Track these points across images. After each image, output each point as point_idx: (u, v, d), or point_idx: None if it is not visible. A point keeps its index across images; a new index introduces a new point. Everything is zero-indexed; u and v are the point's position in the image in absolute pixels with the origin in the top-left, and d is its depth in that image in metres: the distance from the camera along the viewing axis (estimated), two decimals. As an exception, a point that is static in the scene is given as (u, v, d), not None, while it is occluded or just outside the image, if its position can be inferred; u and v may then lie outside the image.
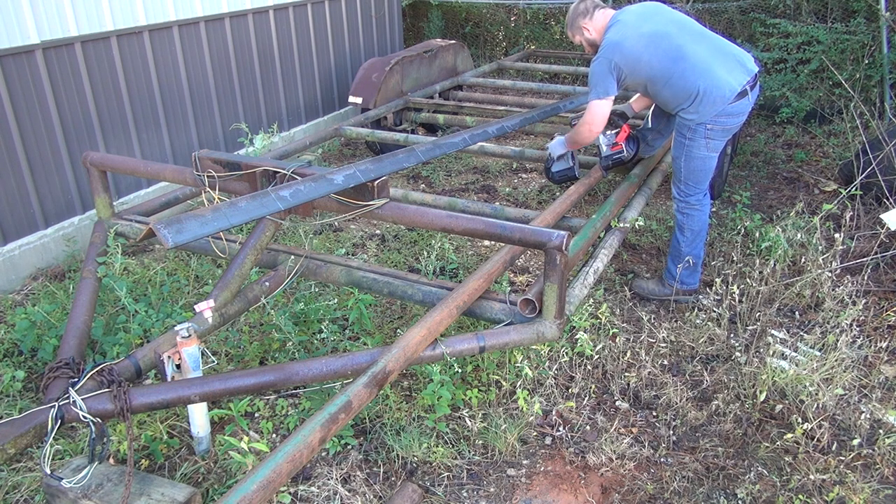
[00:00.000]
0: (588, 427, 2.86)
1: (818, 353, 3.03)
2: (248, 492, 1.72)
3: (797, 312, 3.63)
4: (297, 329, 3.09)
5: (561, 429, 2.84)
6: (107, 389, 2.19)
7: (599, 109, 3.52)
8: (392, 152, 3.23)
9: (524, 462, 2.70)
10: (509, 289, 3.16)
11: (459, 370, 2.82)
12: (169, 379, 2.36)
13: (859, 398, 2.96)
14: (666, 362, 3.22)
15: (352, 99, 5.63)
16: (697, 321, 3.42)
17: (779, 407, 2.87)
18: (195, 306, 2.57)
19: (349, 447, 2.71)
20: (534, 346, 2.95)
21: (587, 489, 2.56)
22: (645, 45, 3.36)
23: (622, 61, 3.38)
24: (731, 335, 3.40)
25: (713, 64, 3.30)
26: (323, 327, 3.08)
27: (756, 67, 3.41)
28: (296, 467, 1.84)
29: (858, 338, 3.23)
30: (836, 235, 3.54)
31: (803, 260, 3.83)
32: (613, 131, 4.02)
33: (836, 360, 2.91)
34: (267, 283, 2.93)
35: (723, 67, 3.31)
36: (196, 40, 4.98)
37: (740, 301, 3.50)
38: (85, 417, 2.12)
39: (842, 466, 2.61)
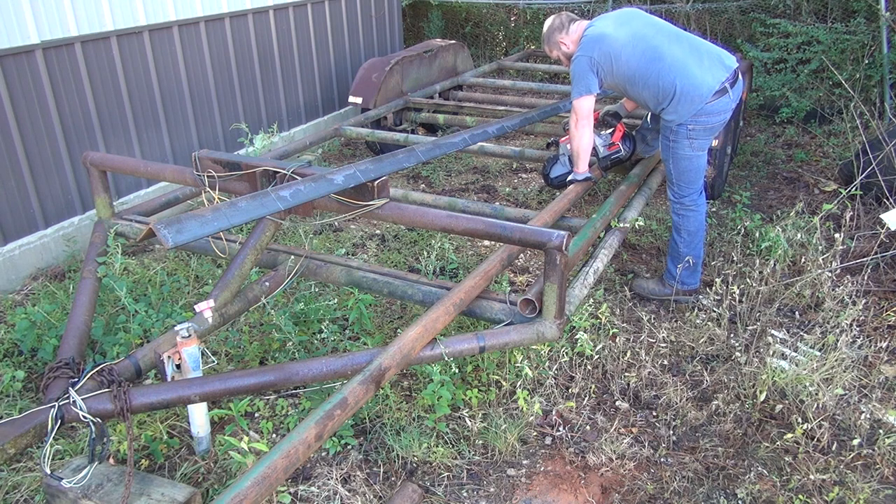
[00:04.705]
0: (588, 427, 2.86)
1: (818, 353, 3.03)
2: (242, 488, 1.72)
3: (797, 312, 3.63)
4: (297, 329, 3.09)
5: (561, 429, 2.84)
6: (107, 389, 2.19)
7: (583, 105, 3.52)
8: (392, 152, 3.24)
9: (524, 462, 2.70)
10: (509, 289, 3.16)
11: (458, 370, 2.82)
12: (169, 379, 2.36)
13: (859, 398, 2.96)
14: (666, 362, 3.22)
15: (352, 99, 5.63)
16: (697, 321, 3.42)
17: (779, 407, 2.87)
18: (195, 306, 2.57)
19: (349, 447, 2.71)
20: (534, 346, 2.95)
21: (587, 489, 2.56)
22: (622, 45, 3.38)
23: (601, 58, 3.40)
24: (731, 335, 3.40)
25: (689, 63, 3.32)
26: (323, 327, 3.08)
27: (735, 63, 3.42)
28: (292, 463, 1.84)
29: (858, 338, 3.23)
30: (836, 235, 3.54)
31: (803, 260, 3.83)
32: (608, 131, 4.03)
33: (836, 360, 2.91)
34: (267, 283, 2.93)
35: (699, 66, 3.32)
36: (196, 40, 4.98)
37: (740, 301, 3.50)
38: (85, 417, 2.12)
39: (842, 466, 2.61)
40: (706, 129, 3.39)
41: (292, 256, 3.07)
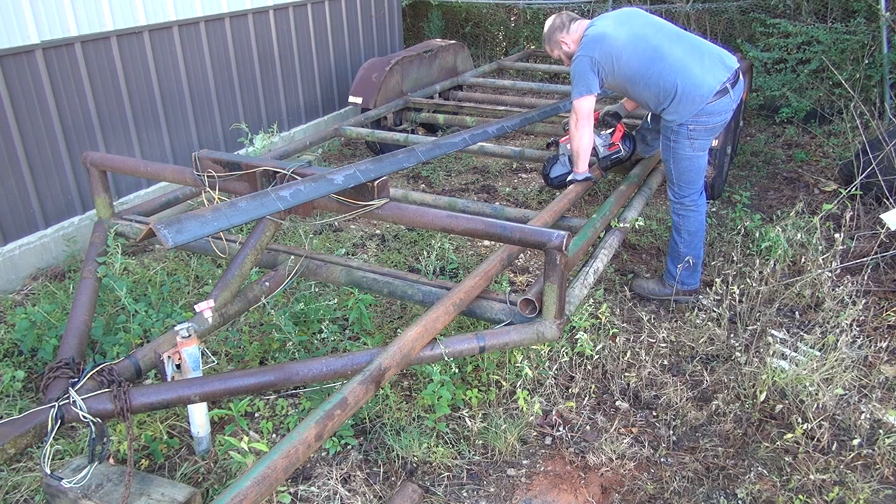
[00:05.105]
0: (588, 427, 2.86)
1: (818, 353, 3.03)
2: (242, 488, 1.72)
3: (797, 312, 3.63)
4: (297, 329, 3.09)
5: (561, 429, 2.84)
6: (107, 389, 2.19)
7: (583, 105, 3.52)
8: (392, 152, 3.24)
9: (524, 462, 2.70)
10: (509, 289, 3.16)
11: (458, 370, 2.82)
12: (169, 379, 2.36)
13: (859, 398, 2.96)
14: (666, 362, 3.22)
15: (352, 99, 5.63)
16: (697, 321, 3.42)
17: (779, 407, 2.87)
18: (195, 306, 2.57)
19: (349, 447, 2.71)
20: (534, 346, 2.95)
21: (587, 489, 2.56)
22: (623, 44, 3.38)
23: (602, 58, 3.40)
24: (731, 335, 3.40)
25: (690, 63, 3.32)
26: (323, 327, 3.08)
27: (736, 64, 3.42)
28: (292, 463, 1.84)
29: (858, 338, 3.23)
30: (836, 235, 3.54)
31: (803, 260, 3.83)
32: (608, 131, 4.02)
33: (836, 360, 2.91)
34: (267, 283, 2.93)
35: (701, 67, 3.32)
36: (196, 40, 4.98)
37: (740, 301, 3.50)
38: (85, 417, 2.12)
39: (842, 466, 2.61)
40: (707, 129, 3.39)
41: (292, 256, 3.07)
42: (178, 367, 2.38)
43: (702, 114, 3.33)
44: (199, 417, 2.58)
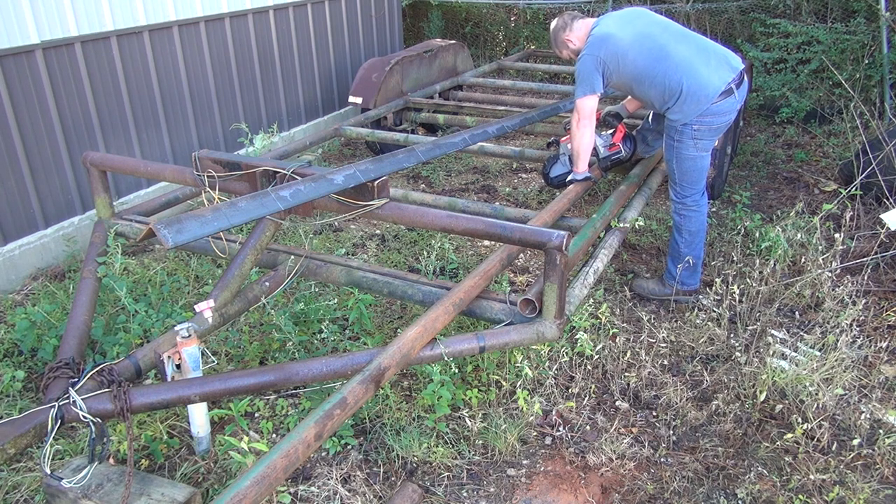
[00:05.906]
0: (588, 427, 2.86)
1: (818, 353, 3.03)
2: (241, 488, 1.72)
3: (797, 312, 3.63)
4: (297, 329, 3.09)
5: (561, 429, 2.84)
6: (107, 389, 2.19)
7: (585, 105, 3.51)
8: (392, 152, 3.24)
9: (524, 462, 2.70)
10: (509, 289, 3.16)
11: (458, 370, 2.82)
12: (169, 379, 2.36)
13: (859, 398, 2.96)
14: (666, 362, 3.22)
15: (352, 99, 5.63)
16: (697, 321, 3.42)
17: (779, 407, 2.87)
18: (195, 306, 2.57)
19: (349, 447, 2.71)
20: (534, 346, 2.95)
21: (587, 489, 2.56)
22: (629, 44, 3.38)
23: (607, 57, 3.39)
24: (731, 335, 3.40)
25: (696, 63, 3.32)
26: (323, 327, 3.08)
27: (741, 65, 3.42)
28: (291, 463, 1.84)
29: (858, 338, 3.23)
30: (836, 235, 3.54)
31: (803, 260, 3.83)
32: (609, 132, 4.03)
33: (836, 360, 2.91)
34: (267, 283, 2.93)
35: (706, 66, 3.32)
36: (196, 40, 4.98)
37: (740, 301, 3.50)
38: (85, 417, 2.13)
39: (842, 466, 2.61)
40: (711, 129, 3.39)
41: (292, 256, 3.07)
42: (178, 367, 2.38)
43: (706, 114, 3.33)
44: (199, 417, 2.58)
